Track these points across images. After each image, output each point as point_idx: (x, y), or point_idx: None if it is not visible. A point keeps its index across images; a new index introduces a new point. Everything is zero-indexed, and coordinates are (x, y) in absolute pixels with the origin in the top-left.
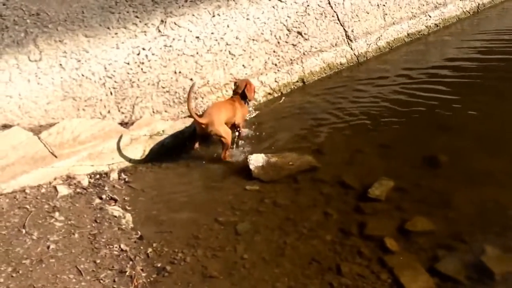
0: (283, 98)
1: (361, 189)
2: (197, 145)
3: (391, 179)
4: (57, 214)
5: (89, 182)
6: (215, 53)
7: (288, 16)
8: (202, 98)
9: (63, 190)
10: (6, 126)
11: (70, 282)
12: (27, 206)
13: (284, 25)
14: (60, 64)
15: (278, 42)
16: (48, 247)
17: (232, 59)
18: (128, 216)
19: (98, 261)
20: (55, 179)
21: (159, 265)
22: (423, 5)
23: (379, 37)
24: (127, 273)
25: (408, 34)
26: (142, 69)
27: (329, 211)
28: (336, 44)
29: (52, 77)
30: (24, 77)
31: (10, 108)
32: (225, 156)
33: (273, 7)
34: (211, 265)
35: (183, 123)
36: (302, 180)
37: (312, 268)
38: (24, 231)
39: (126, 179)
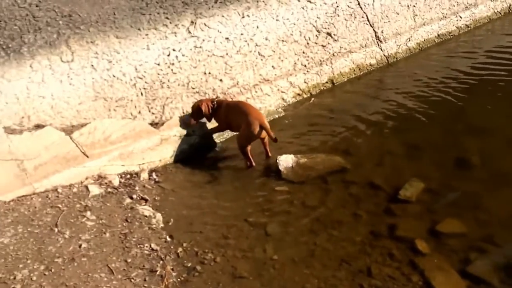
0: (313, 99)
1: (391, 190)
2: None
3: (422, 180)
4: (88, 213)
5: (120, 182)
6: (245, 54)
7: (317, 17)
8: (232, 98)
9: (95, 190)
10: (39, 126)
11: (102, 280)
12: (59, 205)
13: (314, 26)
14: (92, 65)
15: (308, 43)
16: (80, 246)
17: (262, 60)
18: (159, 216)
19: (129, 260)
20: (86, 178)
21: (189, 265)
22: (454, 6)
23: (409, 38)
24: (157, 273)
25: (438, 35)
26: (172, 70)
27: (359, 213)
28: (365, 45)
29: (83, 78)
30: (57, 77)
31: (42, 108)
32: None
33: (303, 8)
34: (241, 265)
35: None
36: (331, 181)
37: (342, 269)
38: (56, 230)
39: (156, 179)
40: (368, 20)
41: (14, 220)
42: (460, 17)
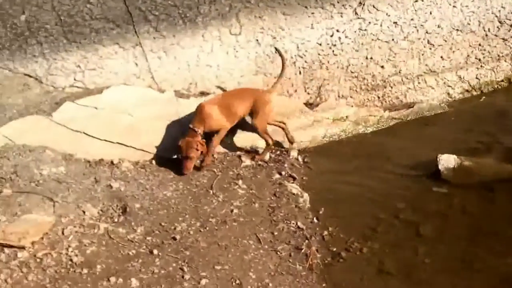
0: (483, 97)
1: None
2: None
3: None
4: (240, 181)
5: (270, 157)
6: (412, 41)
7: (502, 6)
8: (391, 87)
9: (247, 161)
10: (203, 93)
11: (250, 247)
12: (214, 170)
13: (496, 16)
14: (257, 40)
15: (486, 35)
16: (232, 210)
17: (430, 49)
18: (306, 196)
19: (275, 233)
20: (240, 148)
21: (334, 249)
22: None
23: None
24: (302, 251)
25: None
26: (333, 51)
27: None
28: None
29: (248, 52)
30: (224, 49)
31: (208, 77)
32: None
33: None
34: (388, 261)
35: (367, 111)
36: (498, 189)
37: None
38: (211, 192)
39: (305, 159)
40: None
41: (176, 177)
42: None
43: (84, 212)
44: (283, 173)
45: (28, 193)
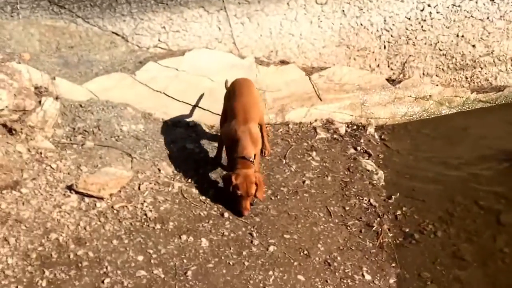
0: None
1: None
2: None
3: None
4: (314, 153)
5: (346, 131)
6: (509, 21)
7: None
8: (481, 68)
9: (322, 133)
10: (283, 62)
11: (320, 219)
12: (289, 140)
13: None
14: (343, 10)
15: None
16: (304, 182)
17: None
18: (381, 173)
19: (347, 208)
20: (315, 120)
21: (407, 230)
22: None
23: None
24: (373, 228)
25: None
26: (422, 26)
27: None
28: None
29: (332, 22)
30: (308, 18)
31: (290, 46)
32: None
33: None
34: (464, 247)
35: (453, 92)
36: None
37: None
38: (284, 161)
39: (382, 137)
40: None
41: None
42: None
43: (159, 170)
44: (358, 148)
45: (109, 147)
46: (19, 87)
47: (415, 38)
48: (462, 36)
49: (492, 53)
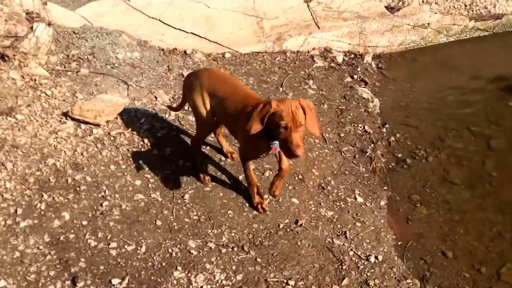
0: None
1: None
2: None
3: None
4: (311, 82)
5: (343, 60)
6: None
7: None
8: None
9: (319, 62)
10: None
11: (315, 146)
12: (286, 68)
13: None
14: None
15: None
16: None
17: None
18: (376, 101)
19: (342, 135)
20: (313, 49)
21: (399, 155)
22: None
23: None
24: (367, 154)
25: None
26: None
27: None
28: None
29: None
30: None
31: None
32: None
33: None
34: (454, 171)
35: (451, 19)
36: None
37: None
38: (281, 89)
39: (379, 65)
40: None
41: (247, 72)
42: None
43: (156, 97)
44: (355, 77)
45: (104, 74)
46: (9, 12)
47: None
48: None
49: None
